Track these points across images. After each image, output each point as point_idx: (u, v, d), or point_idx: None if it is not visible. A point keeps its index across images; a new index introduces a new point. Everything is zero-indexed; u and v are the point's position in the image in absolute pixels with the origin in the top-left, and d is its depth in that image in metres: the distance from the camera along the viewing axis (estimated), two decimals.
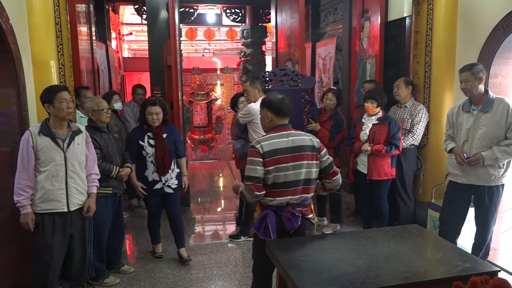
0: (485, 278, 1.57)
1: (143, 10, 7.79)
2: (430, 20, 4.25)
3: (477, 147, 3.22)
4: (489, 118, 3.18)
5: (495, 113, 3.16)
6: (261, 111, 2.64)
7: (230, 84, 11.26)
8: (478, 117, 3.23)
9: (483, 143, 3.20)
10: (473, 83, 3.18)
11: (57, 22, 3.60)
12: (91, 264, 3.46)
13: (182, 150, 4.00)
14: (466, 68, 3.23)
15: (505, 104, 3.15)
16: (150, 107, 3.70)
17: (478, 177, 3.26)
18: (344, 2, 6.12)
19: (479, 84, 3.17)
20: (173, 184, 3.83)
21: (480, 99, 3.23)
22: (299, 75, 4.78)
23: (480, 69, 3.19)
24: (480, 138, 3.21)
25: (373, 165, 4.11)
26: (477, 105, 3.25)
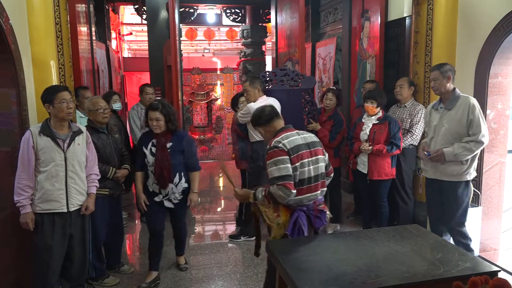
0: (485, 278, 1.57)
1: (143, 10, 7.80)
2: (430, 20, 4.25)
3: (440, 144, 3.35)
4: (452, 115, 3.32)
5: (457, 111, 3.29)
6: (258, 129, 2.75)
7: (230, 84, 11.26)
8: (443, 114, 3.38)
9: (446, 140, 3.33)
10: (441, 82, 3.32)
11: (57, 22, 3.60)
12: (90, 264, 3.45)
13: (194, 162, 3.52)
14: (435, 67, 3.40)
15: (467, 102, 3.26)
16: (150, 112, 3.36)
17: (442, 172, 3.39)
18: (344, 2, 6.12)
19: (447, 83, 3.32)
20: (175, 199, 3.46)
21: (448, 97, 3.36)
22: (299, 75, 4.79)
23: (449, 68, 3.34)
24: (443, 135, 3.35)
25: (373, 165, 4.11)
26: (445, 103, 3.39)
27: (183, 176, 3.45)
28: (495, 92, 3.82)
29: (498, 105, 3.85)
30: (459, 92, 3.36)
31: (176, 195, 3.45)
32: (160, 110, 3.32)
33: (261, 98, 4.25)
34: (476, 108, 3.24)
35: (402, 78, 4.42)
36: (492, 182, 3.93)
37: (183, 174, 3.45)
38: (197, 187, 3.53)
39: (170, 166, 3.35)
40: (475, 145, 3.22)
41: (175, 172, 3.40)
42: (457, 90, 3.36)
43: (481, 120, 3.23)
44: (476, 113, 3.22)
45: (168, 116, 3.35)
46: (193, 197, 3.51)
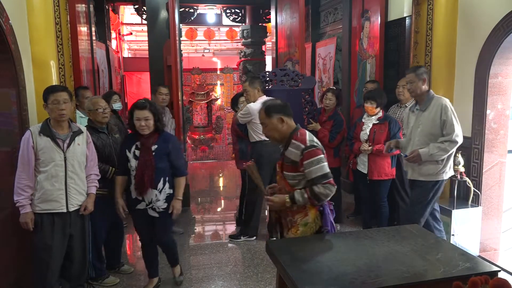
0: (485, 278, 1.57)
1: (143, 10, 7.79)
2: (430, 20, 4.25)
3: (416, 145, 3.42)
4: (426, 116, 3.40)
5: (431, 112, 3.37)
6: (269, 120, 2.49)
7: (230, 84, 11.26)
8: (419, 115, 3.47)
9: (422, 141, 3.40)
10: (417, 84, 3.39)
11: (57, 22, 3.60)
12: (90, 264, 3.45)
13: (180, 166, 3.24)
14: (411, 70, 3.49)
15: (439, 103, 3.35)
16: (138, 111, 3.08)
17: (418, 172, 3.45)
18: (344, 2, 6.12)
19: (423, 85, 3.39)
20: (159, 207, 3.16)
21: (423, 99, 3.44)
22: (299, 75, 4.79)
23: (424, 71, 3.43)
24: (419, 136, 3.43)
25: (373, 165, 4.11)
26: (420, 104, 3.47)
27: (168, 181, 3.18)
28: (495, 92, 3.82)
29: (498, 105, 3.85)
30: (433, 94, 3.45)
31: (160, 202, 3.16)
32: (149, 108, 3.09)
33: (261, 99, 4.25)
34: (448, 108, 3.31)
35: (404, 78, 4.40)
36: (492, 182, 3.93)
37: (167, 180, 3.18)
38: (181, 193, 3.24)
39: (153, 171, 3.09)
40: (450, 144, 3.29)
41: (159, 177, 3.13)
42: (431, 92, 3.45)
43: (454, 120, 3.30)
44: (449, 114, 3.29)
45: (156, 115, 3.13)
46: (176, 205, 3.19)
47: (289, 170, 2.48)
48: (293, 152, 2.43)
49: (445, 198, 4.13)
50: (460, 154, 3.87)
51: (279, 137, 2.52)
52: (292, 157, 2.43)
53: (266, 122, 2.51)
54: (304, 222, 2.49)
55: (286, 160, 2.49)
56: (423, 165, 3.39)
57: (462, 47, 4.09)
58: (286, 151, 2.49)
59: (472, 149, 3.95)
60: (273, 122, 2.48)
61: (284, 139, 2.51)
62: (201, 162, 9.56)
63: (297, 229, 2.50)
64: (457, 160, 3.85)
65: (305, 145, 2.41)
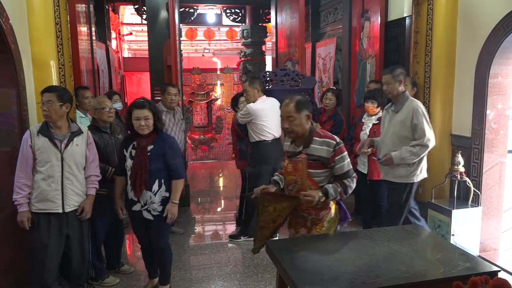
0: (485, 278, 1.57)
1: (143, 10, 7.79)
2: (430, 20, 4.25)
3: (388, 146, 3.45)
4: (398, 118, 3.41)
5: (402, 114, 3.38)
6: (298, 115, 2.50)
7: (230, 84, 11.26)
8: (392, 117, 3.47)
9: (393, 142, 3.42)
10: (393, 85, 3.38)
11: (57, 22, 3.60)
12: (90, 264, 3.45)
13: (176, 168, 3.09)
14: (387, 71, 3.45)
15: (411, 106, 3.34)
16: (137, 110, 3.00)
17: (392, 175, 3.49)
18: (344, 2, 6.12)
19: (399, 86, 3.38)
20: (154, 210, 3.07)
21: (398, 100, 3.44)
22: (299, 75, 4.79)
23: (400, 72, 3.40)
24: (391, 137, 3.45)
25: (373, 165, 4.11)
26: (395, 106, 3.48)
27: (164, 183, 3.06)
28: (495, 92, 3.82)
29: (498, 105, 3.85)
30: (408, 95, 3.45)
31: (155, 205, 3.06)
32: (148, 107, 3.01)
33: (261, 99, 4.25)
34: (420, 112, 3.31)
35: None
36: (492, 182, 3.93)
37: (163, 182, 3.05)
38: (177, 197, 3.09)
39: (146, 172, 3.00)
40: (421, 149, 3.32)
41: (154, 178, 3.03)
42: (406, 93, 3.45)
43: (425, 124, 3.31)
44: (420, 117, 3.30)
45: (156, 114, 3.05)
46: (171, 209, 3.06)
47: (317, 167, 2.51)
48: (323, 149, 2.48)
49: (445, 198, 4.14)
50: (460, 154, 3.87)
51: (301, 133, 2.54)
52: (319, 154, 2.48)
53: (295, 116, 2.50)
54: (329, 218, 2.58)
55: (311, 157, 2.50)
56: (396, 167, 3.43)
57: (462, 47, 4.09)
58: (308, 149, 2.51)
59: (472, 149, 3.95)
60: (301, 118, 2.51)
61: (303, 136, 2.54)
62: (201, 162, 9.57)
63: (322, 226, 2.57)
64: (457, 160, 3.85)
65: (336, 141, 2.51)
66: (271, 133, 4.28)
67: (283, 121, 2.56)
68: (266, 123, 4.23)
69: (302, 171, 2.50)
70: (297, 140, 2.58)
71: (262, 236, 2.67)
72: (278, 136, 4.37)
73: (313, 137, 2.52)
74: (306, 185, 2.49)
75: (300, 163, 2.50)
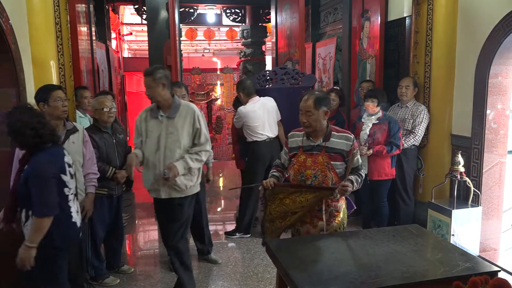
0: (485, 278, 1.57)
1: (143, 10, 7.80)
2: (430, 20, 4.25)
3: (169, 156, 3.01)
4: (175, 124, 3.03)
5: (180, 119, 3.04)
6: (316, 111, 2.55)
7: (230, 84, 11.26)
8: (166, 123, 3.04)
9: (174, 152, 3.01)
10: (155, 89, 2.96)
11: (57, 22, 3.60)
12: (90, 264, 3.46)
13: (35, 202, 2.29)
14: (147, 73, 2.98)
15: (191, 111, 3.07)
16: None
17: (175, 189, 3.06)
18: (344, 2, 6.12)
19: (162, 90, 2.97)
20: None
21: (168, 105, 3.04)
22: (299, 73, 4.80)
23: (163, 74, 2.97)
24: (170, 146, 3.02)
25: (373, 166, 4.11)
26: (165, 111, 3.05)
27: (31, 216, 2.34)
28: (495, 92, 3.82)
29: (498, 105, 3.85)
30: (180, 100, 3.13)
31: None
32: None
33: (252, 100, 4.34)
34: (200, 116, 3.10)
35: (406, 78, 4.40)
36: (492, 182, 3.93)
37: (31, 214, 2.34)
38: (34, 240, 2.29)
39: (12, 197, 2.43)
40: (204, 154, 3.10)
41: (21, 207, 2.41)
42: (176, 98, 3.09)
43: (205, 128, 3.12)
44: (202, 122, 3.09)
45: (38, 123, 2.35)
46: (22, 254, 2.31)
47: (337, 159, 2.59)
48: (342, 142, 2.59)
49: (445, 198, 4.14)
50: (460, 154, 3.87)
51: (319, 128, 2.61)
52: (340, 147, 2.58)
53: (313, 112, 2.56)
54: (343, 209, 2.71)
55: (330, 150, 2.58)
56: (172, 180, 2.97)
57: (462, 47, 4.09)
58: (328, 142, 2.59)
59: (472, 149, 3.95)
60: (320, 114, 2.57)
61: (321, 131, 2.62)
62: None
63: (339, 216, 2.67)
64: (457, 160, 3.85)
65: (352, 136, 2.64)
66: (264, 134, 4.35)
67: (301, 115, 2.61)
68: (256, 124, 4.31)
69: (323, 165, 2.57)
70: (313, 134, 2.64)
71: (274, 228, 2.68)
72: (273, 135, 4.40)
73: (331, 132, 2.63)
74: (329, 177, 2.56)
75: (320, 156, 2.58)
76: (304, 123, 2.60)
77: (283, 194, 2.60)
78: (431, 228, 3.99)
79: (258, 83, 4.68)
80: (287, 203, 2.58)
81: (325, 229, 2.61)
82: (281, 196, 2.60)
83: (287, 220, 2.62)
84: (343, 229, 2.71)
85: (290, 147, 2.74)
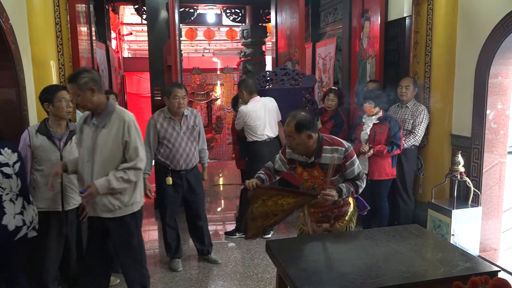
0: (485, 278, 1.57)
1: (143, 10, 7.79)
2: (430, 20, 4.25)
3: (96, 171, 2.63)
4: (106, 134, 2.63)
5: (111, 129, 2.64)
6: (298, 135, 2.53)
7: (230, 84, 11.26)
8: (97, 133, 2.65)
9: (103, 166, 2.63)
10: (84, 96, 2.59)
11: (57, 22, 3.60)
12: None
13: None
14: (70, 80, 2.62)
15: (122, 119, 2.64)
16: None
17: (102, 208, 2.68)
18: (344, 2, 6.11)
19: (92, 96, 2.60)
20: None
21: (100, 111, 2.66)
22: (299, 74, 4.80)
23: (90, 78, 2.60)
24: (99, 160, 2.63)
25: (374, 166, 4.11)
26: (97, 118, 2.68)
27: None
28: (495, 92, 3.82)
29: (498, 105, 3.85)
30: (114, 106, 2.72)
31: None
32: None
33: (253, 100, 4.34)
34: (132, 126, 2.65)
35: (406, 78, 4.39)
36: (492, 182, 3.93)
37: None
38: None
39: None
40: (134, 173, 2.64)
41: None
42: (111, 103, 2.71)
43: (138, 141, 2.67)
44: (133, 133, 2.64)
45: None
46: None
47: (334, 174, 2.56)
48: (333, 157, 2.53)
49: (445, 198, 4.14)
50: (460, 154, 3.87)
51: (304, 151, 2.60)
52: (333, 162, 2.52)
53: (294, 136, 2.54)
54: (350, 212, 2.73)
55: (323, 166, 2.56)
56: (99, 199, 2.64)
57: (462, 47, 4.09)
58: (320, 159, 2.57)
59: (472, 149, 3.95)
60: (302, 138, 2.53)
61: (309, 151, 2.59)
62: None
63: (344, 219, 2.71)
64: (457, 160, 3.85)
65: (345, 147, 2.56)
66: (265, 134, 4.35)
67: (286, 138, 2.62)
68: (258, 124, 4.31)
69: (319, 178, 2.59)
70: (306, 154, 2.63)
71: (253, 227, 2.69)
72: (273, 135, 4.41)
73: (322, 147, 2.57)
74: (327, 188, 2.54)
75: (315, 171, 2.58)
76: (290, 145, 2.61)
77: (265, 196, 2.62)
78: (431, 228, 3.99)
79: (258, 83, 4.68)
80: (269, 204, 2.60)
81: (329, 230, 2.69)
82: (263, 198, 2.62)
83: (268, 220, 2.64)
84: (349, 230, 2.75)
85: (288, 158, 2.75)
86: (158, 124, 3.60)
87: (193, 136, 3.73)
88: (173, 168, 3.66)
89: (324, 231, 2.69)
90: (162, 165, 3.69)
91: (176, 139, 3.62)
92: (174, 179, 3.66)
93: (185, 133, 3.66)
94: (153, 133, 3.61)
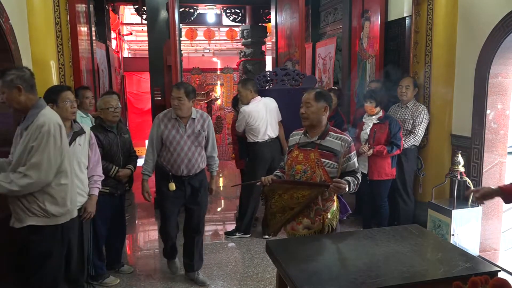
0: (485, 278, 1.57)
1: (143, 10, 7.79)
2: (430, 20, 4.25)
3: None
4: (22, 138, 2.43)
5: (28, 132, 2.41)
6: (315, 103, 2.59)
7: (230, 84, 11.25)
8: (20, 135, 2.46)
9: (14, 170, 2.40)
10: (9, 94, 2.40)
11: (57, 22, 3.60)
12: (91, 262, 3.45)
13: None
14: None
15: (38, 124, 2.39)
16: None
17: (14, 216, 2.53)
18: (344, 2, 6.12)
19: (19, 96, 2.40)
20: None
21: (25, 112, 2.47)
22: (300, 74, 4.80)
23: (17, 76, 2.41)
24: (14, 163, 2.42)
25: (373, 166, 4.11)
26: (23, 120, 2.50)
27: None
28: (495, 92, 3.82)
29: (498, 105, 3.85)
30: (43, 106, 2.49)
31: None
32: None
33: (254, 100, 4.33)
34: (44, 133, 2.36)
35: (406, 78, 4.40)
36: (492, 182, 3.93)
37: None
38: None
39: None
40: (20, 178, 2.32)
41: None
42: (39, 103, 2.46)
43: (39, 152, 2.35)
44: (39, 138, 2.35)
45: None
46: None
47: (329, 158, 2.56)
48: (338, 143, 2.57)
49: (445, 198, 4.14)
50: (460, 154, 3.87)
51: (316, 123, 2.62)
52: (334, 147, 2.56)
53: (312, 103, 2.59)
54: (332, 210, 2.64)
55: (324, 148, 2.58)
56: None
57: (462, 47, 4.09)
58: (323, 140, 2.60)
59: (472, 149, 3.95)
60: (318, 107, 2.59)
61: (318, 127, 2.63)
62: None
63: (326, 217, 2.61)
64: (457, 160, 3.85)
65: (350, 139, 2.62)
66: (266, 134, 4.36)
67: (301, 107, 2.64)
68: (259, 124, 4.31)
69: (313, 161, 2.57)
70: (311, 130, 2.65)
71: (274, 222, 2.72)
72: (274, 136, 4.41)
73: (329, 132, 2.63)
74: (318, 174, 2.54)
75: (312, 153, 2.58)
76: (303, 114, 2.63)
77: (281, 190, 2.65)
78: (431, 228, 3.99)
79: (258, 83, 4.68)
80: (286, 198, 2.63)
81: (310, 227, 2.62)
82: (280, 192, 2.66)
83: (286, 214, 2.66)
84: (331, 230, 2.62)
85: (289, 146, 2.80)
86: (162, 124, 3.36)
87: (198, 141, 3.41)
88: (174, 174, 3.38)
89: (304, 228, 2.61)
90: (163, 169, 3.41)
91: (178, 142, 3.33)
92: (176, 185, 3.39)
93: (189, 136, 3.36)
94: (156, 132, 3.38)
